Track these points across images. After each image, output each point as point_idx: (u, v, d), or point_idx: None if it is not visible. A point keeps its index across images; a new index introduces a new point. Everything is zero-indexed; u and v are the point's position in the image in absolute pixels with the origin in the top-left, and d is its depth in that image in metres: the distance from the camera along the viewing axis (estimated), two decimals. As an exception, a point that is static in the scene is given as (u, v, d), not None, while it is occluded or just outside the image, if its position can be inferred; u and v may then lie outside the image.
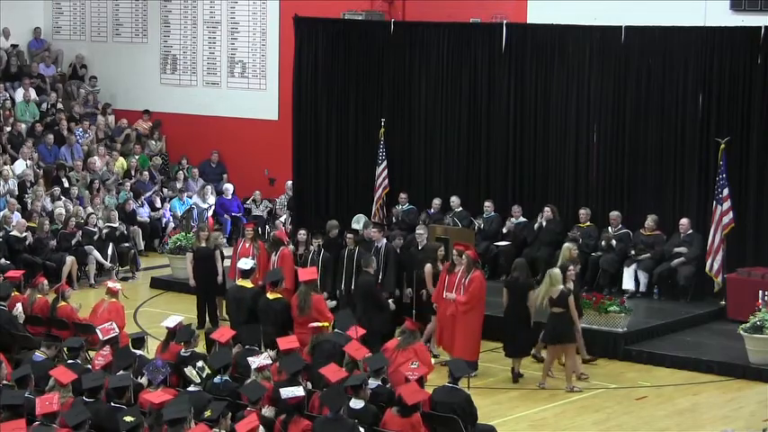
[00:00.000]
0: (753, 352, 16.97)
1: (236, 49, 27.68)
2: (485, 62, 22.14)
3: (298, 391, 11.77)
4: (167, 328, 14.57)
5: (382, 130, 22.59)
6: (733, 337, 17.47)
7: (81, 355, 13.62)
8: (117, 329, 14.43)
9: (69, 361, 13.54)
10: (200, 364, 12.78)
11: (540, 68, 21.64)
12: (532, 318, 16.72)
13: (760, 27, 19.47)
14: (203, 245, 19.65)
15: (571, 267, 16.62)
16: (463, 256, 16.70)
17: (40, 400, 11.36)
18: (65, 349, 14.28)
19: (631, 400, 16.11)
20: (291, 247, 18.95)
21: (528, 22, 22.60)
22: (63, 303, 16.80)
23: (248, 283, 16.38)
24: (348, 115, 23.44)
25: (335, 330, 14.77)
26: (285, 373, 12.69)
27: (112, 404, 11.80)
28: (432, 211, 22.09)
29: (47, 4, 30.12)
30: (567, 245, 17.78)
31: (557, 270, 16.35)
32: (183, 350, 13.88)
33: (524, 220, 21.61)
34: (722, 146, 19.25)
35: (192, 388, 12.54)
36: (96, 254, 22.60)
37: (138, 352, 13.72)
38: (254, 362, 12.86)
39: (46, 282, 17.50)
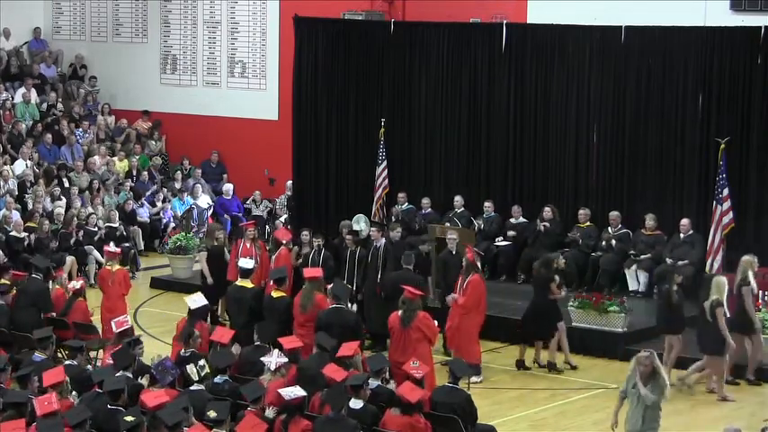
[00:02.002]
0: (753, 352, 16.97)
1: (236, 49, 27.68)
2: (485, 62, 22.13)
3: (298, 392, 11.79)
4: (190, 307, 14.73)
5: (382, 130, 22.58)
6: (733, 337, 17.44)
7: (80, 357, 13.58)
8: (129, 322, 14.52)
9: (67, 362, 13.52)
10: (201, 362, 12.76)
11: (540, 68, 21.63)
12: (558, 307, 17.12)
13: (760, 27, 19.46)
14: (216, 243, 19.57)
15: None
16: (462, 260, 16.71)
17: (39, 400, 11.35)
18: (62, 349, 14.29)
19: (631, 400, 16.10)
20: (295, 247, 18.96)
21: (528, 22, 22.60)
22: (81, 300, 16.87)
23: (248, 283, 16.37)
24: (348, 115, 23.43)
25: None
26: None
27: (109, 406, 11.79)
28: (423, 211, 22.10)
29: (47, 4, 30.13)
30: (746, 257, 17.07)
31: (721, 279, 16.18)
32: (182, 350, 13.88)
33: (524, 220, 21.62)
34: (722, 146, 19.24)
35: (193, 387, 12.54)
36: (96, 254, 22.61)
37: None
38: (270, 362, 12.91)
39: (65, 275, 17.61)
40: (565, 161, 21.53)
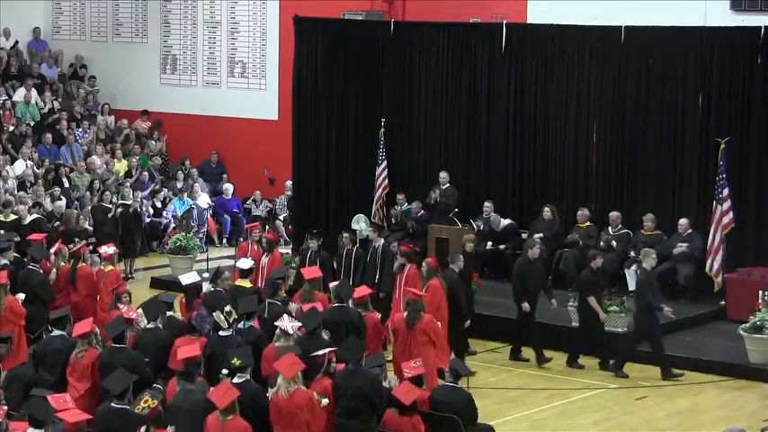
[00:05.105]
0: (753, 352, 16.99)
1: (236, 49, 27.69)
2: (485, 62, 22.12)
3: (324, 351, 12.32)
4: (184, 285, 15.18)
5: (382, 130, 22.57)
6: (733, 337, 17.48)
7: (68, 328, 13.47)
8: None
9: (54, 333, 13.42)
10: (227, 308, 13.17)
11: (540, 68, 21.62)
12: None
13: (760, 27, 19.47)
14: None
15: None
16: (423, 265, 16.51)
17: (54, 398, 11.27)
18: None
19: (631, 400, 16.12)
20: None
21: (528, 22, 22.61)
22: (83, 264, 17.02)
23: (247, 283, 16.38)
24: (348, 115, 23.41)
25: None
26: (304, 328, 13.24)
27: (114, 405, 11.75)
28: (419, 213, 22.07)
29: (47, 4, 30.13)
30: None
31: None
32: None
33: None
34: (722, 146, 19.24)
35: (222, 333, 12.99)
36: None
37: (169, 312, 14.16)
38: (286, 327, 13.10)
39: (65, 248, 17.67)
40: (565, 161, 21.52)
